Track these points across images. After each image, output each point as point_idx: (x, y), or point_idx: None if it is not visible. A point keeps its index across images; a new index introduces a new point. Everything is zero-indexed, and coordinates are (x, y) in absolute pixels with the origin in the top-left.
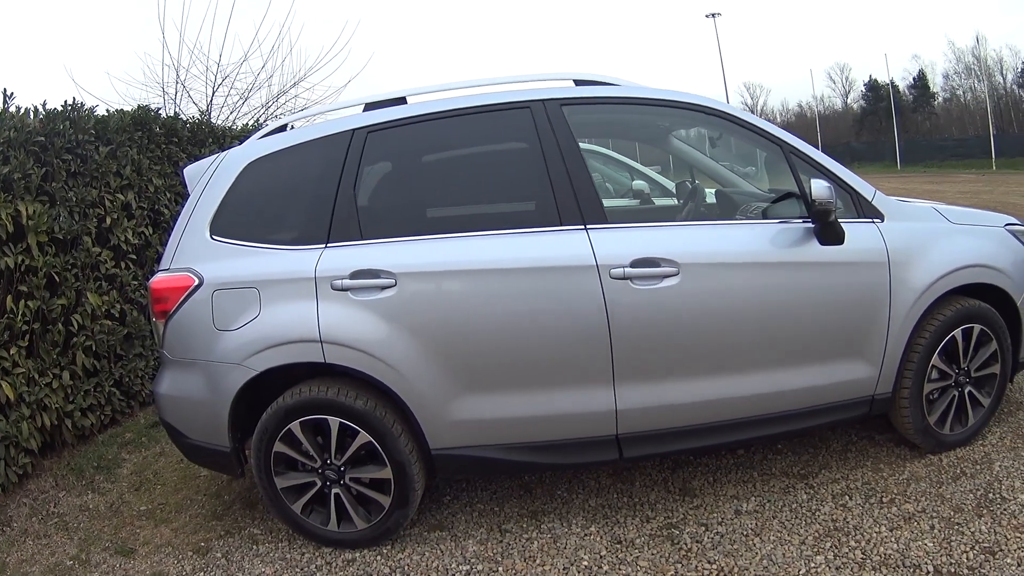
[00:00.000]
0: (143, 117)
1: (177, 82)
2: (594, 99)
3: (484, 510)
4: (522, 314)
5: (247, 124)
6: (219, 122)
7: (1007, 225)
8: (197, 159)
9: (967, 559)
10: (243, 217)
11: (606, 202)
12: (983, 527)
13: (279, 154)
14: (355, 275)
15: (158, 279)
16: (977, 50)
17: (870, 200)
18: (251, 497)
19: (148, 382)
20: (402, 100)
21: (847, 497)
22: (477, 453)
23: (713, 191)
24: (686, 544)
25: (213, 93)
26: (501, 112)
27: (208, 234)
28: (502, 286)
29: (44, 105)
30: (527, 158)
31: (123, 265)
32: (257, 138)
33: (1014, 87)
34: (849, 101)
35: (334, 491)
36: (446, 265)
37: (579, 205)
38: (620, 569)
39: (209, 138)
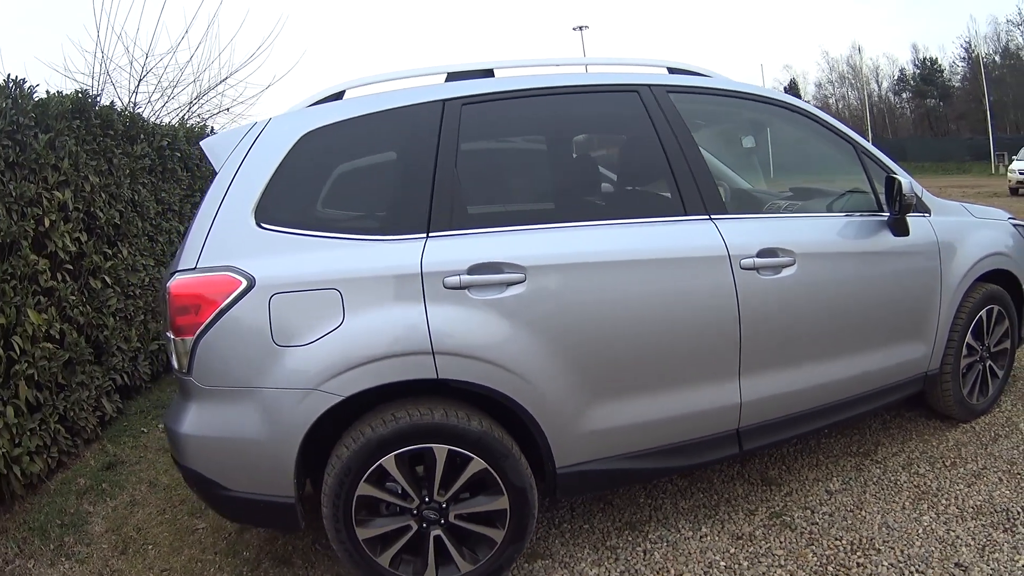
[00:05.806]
0: (83, 104)
1: (103, 72)
2: (697, 88)
3: (573, 530)
4: (658, 307)
5: (171, 122)
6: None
7: (1009, 219)
8: (130, 156)
9: None
10: (301, 201)
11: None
12: None
13: (344, 124)
14: (474, 269)
15: (182, 282)
16: (854, 59)
17: (920, 196)
18: (277, 550)
19: (92, 416)
20: (490, 72)
21: (915, 466)
22: (607, 466)
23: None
24: (804, 528)
25: (138, 85)
26: (608, 94)
27: (253, 221)
28: (638, 278)
29: None
30: (641, 144)
31: (60, 277)
32: (306, 106)
33: (889, 94)
34: None
35: (434, 533)
36: (582, 256)
37: (701, 195)
38: (761, 561)
39: (141, 134)
